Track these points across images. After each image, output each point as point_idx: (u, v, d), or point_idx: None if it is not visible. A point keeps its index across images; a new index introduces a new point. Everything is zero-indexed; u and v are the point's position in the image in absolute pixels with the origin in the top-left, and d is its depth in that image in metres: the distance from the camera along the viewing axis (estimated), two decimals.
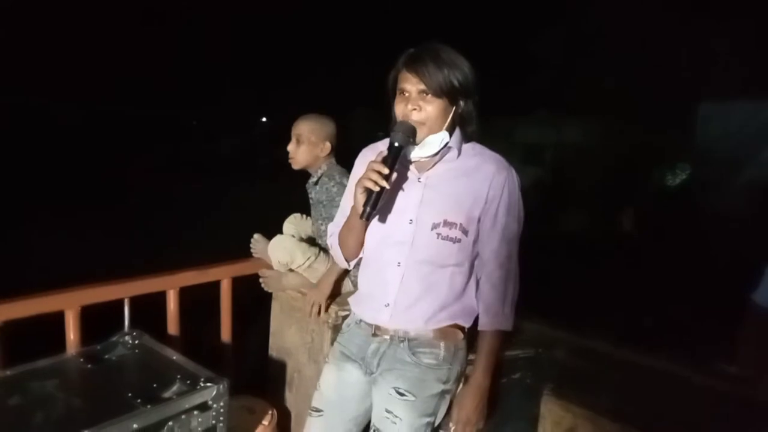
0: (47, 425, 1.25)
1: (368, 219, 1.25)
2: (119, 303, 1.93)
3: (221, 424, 1.45)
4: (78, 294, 1.83)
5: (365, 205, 1.23)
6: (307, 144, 2.08)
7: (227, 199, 10.45)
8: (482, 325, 1.41)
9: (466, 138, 1.38)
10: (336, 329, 1.90)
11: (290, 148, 2.10)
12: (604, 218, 8.98)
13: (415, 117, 1.28)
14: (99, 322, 1.86)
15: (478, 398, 1.39)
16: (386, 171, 1.21)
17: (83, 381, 1.48)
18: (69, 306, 1.81)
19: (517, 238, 1.41)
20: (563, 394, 1.36)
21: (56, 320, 1.81)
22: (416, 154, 1.33)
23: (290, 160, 2.11)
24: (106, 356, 1.59)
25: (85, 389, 1.42)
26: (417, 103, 1.28)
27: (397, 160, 1.25)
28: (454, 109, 1.32)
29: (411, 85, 1.28)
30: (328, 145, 2.10)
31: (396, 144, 1.25)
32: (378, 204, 1.23)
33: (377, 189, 1.21)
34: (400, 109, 1.30)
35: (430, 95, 1.27)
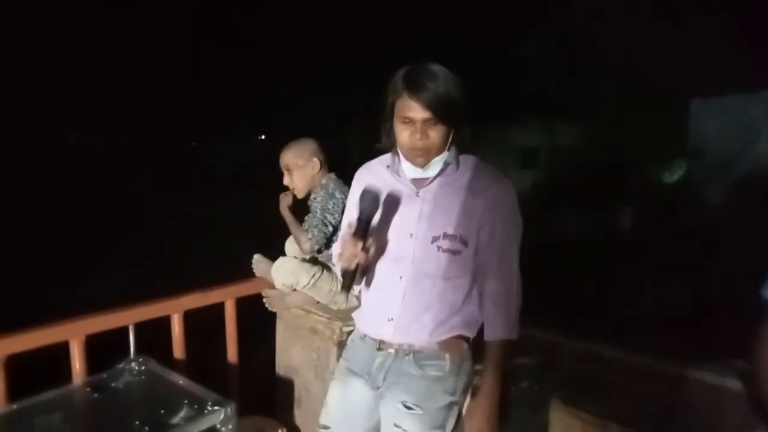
0: None
1: (349, 291, 1.35)
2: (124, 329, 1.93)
3: None
4: (82, 323, 1.82)
5: (344, 279, 1.32)
6: (297, 169, 2.12)
7: (227, 216, 10.44)
8: (488, 336, 1.40)
9: (462, 151, 1.40)
10: (341, 345, 1.89)
11: (286, 181, 2.15)
12: (602, 219, 8.96)
13: (422, 144, 1.31)
14: (105, 348, 1.86)
15: (489, 409, 1.37)
16: (359, 247, 1.28)
17: (90, 411, 1.48)
18: (73, 336, 1.80)
19: (517, 246, 1.41)
20: (571, 402, 1.36)
21: (61, 350, 1.81)
22: (421, 174, 1.37)
23: (294, 192, 2.14)
24: (113, 384, 1.58)
25: (91, 420, 1.42)
26: (423, 131, 1.29)
27: (368, 230, 1.31)
28: (454, 129, 1.34)
29: (415, 113, 1.28)
30: (316, 161, 2.11)
31: (363, 219, 1.30)
32: (356, 278, 1.33)
33: (353, 267, 1.30)
34: (404, 137, 1.32)
35: (434, 122, 1.29)
